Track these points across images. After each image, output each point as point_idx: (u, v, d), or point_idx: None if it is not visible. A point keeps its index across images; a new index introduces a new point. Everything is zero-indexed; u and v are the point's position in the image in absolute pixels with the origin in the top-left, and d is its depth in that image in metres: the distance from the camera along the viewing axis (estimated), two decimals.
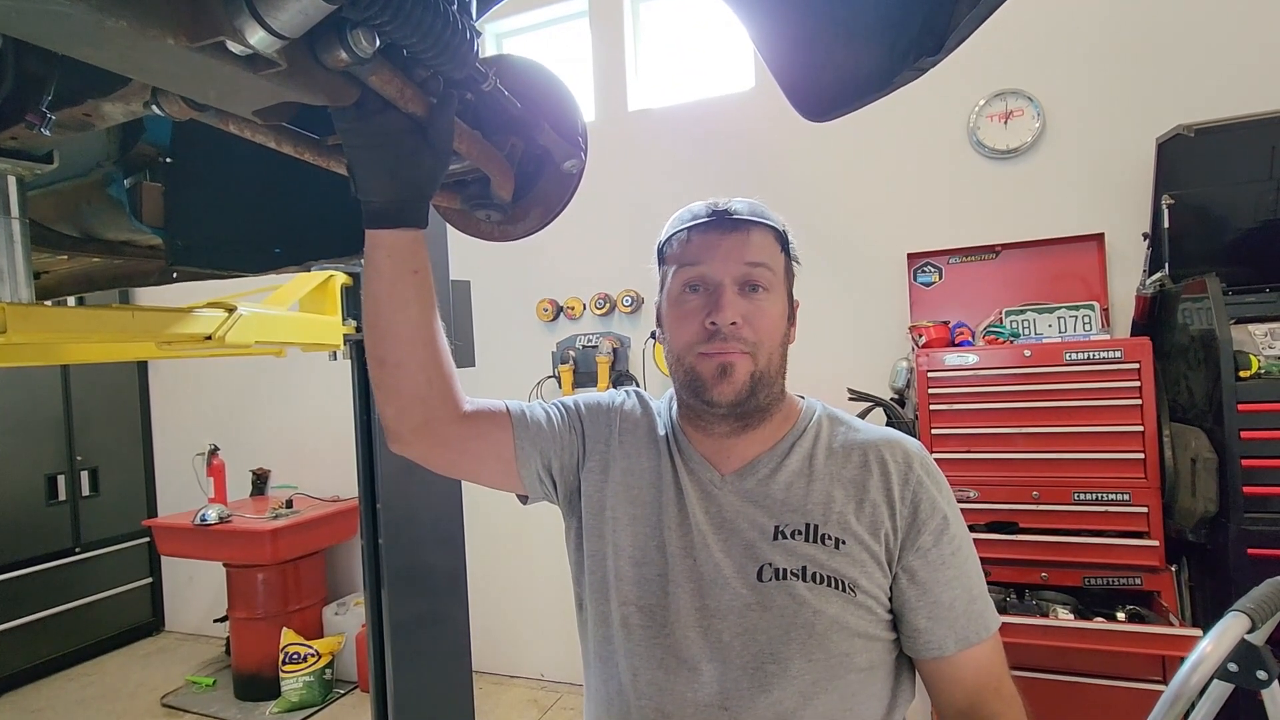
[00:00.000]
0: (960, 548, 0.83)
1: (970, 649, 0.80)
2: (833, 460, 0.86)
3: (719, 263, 0.83)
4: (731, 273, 0.82)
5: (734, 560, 0.82)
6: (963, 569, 0.82)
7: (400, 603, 1.88)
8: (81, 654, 3.92)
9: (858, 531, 0.81)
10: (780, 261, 0.86)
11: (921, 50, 0.72)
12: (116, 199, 0.99)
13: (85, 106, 0.66)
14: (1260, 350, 2.01)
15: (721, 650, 0.79)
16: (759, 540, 0.82)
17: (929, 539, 0.81)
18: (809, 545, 0.80)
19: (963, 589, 0.82)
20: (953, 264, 2.71)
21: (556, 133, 0.84)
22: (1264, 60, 2.38)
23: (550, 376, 3.39)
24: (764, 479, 0.85)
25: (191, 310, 1.30)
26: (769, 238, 0.85)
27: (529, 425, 0.90)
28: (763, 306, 0.83)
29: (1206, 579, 2.16)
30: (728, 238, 0.83)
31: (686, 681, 0.80)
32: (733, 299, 0.81)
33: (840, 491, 0.83)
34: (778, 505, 0.83)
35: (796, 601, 0.78)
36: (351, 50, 0.54)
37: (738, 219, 0.84)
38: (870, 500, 0.82)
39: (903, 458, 0.85)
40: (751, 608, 0.79)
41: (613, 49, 3.33)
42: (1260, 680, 1.11)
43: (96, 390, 4.13)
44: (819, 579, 0.79)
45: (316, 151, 0.73)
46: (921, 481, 0.83)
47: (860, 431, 0.89)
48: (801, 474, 0.85)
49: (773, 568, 0.80)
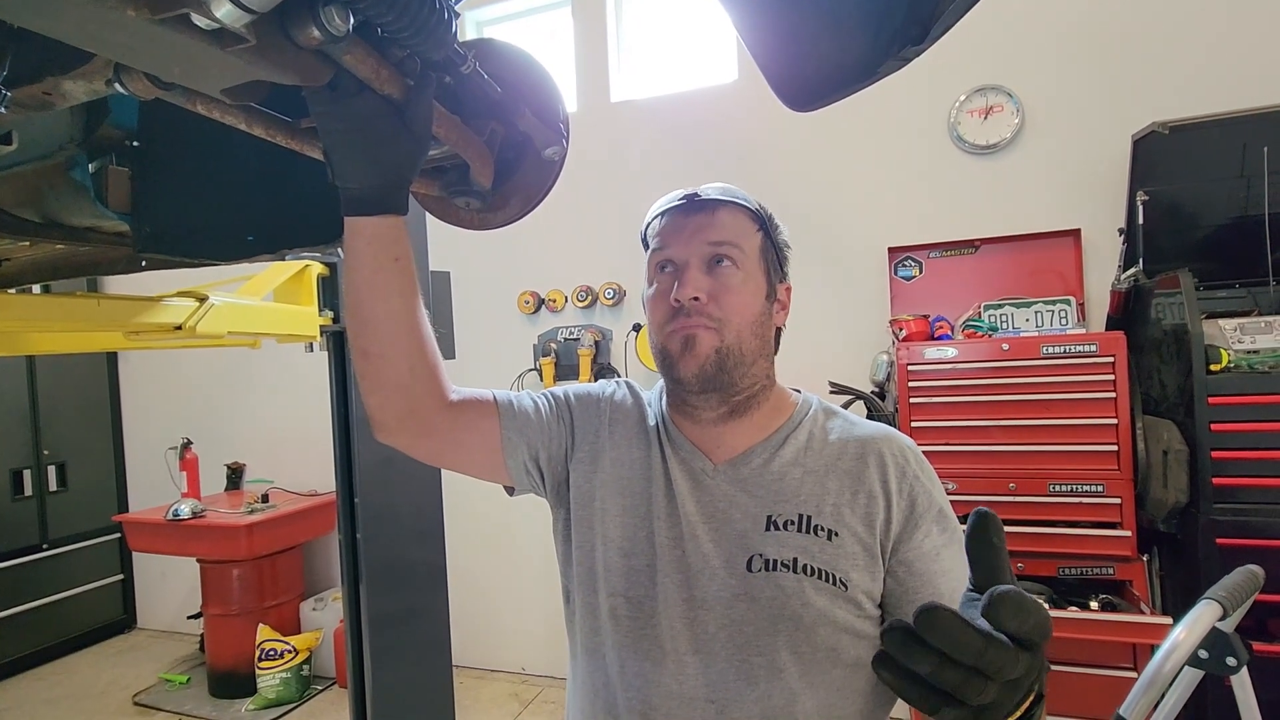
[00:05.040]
0: (955, 539, 0.83)
1: None
2: (828, 452, 0.85)
3: (685, 243, 0.83)
4: (697, 251, 0.83)
5: (723, 550, 0.81)
6: (957, 561, 0.82)
7: (379, 597, 1.86)
8: (50, 653, 3.83)
9: (851, 524, 0.80)
10: (753, 240, 0.85)
11: (906, 39, 0.72)
12: (81, 183, 0.96)
13: (45, 84, 0.63)
14: (1230, 344, 2.05)
15: (707, 642, 0.79)
16: (751, 530, 0.81)
17: (926, 531, 0.80)
18: (802, 536, 0.79)
19: (959, 581, 0.81)
20: (933, 258, 2.73)
21: (538, 119, 0.82)
22: (1238, 59, 2.42)
23: (531, 369, 3.37)
24: (758, 468, 0.84)
25: (161, 300, 1.26)
26: (740, 216, 0.85)
27: (516, 415, 0.89)
28: (728, 283, 0.82)
29: (1176, 568, 2.21)
30: (694, 218, 0.84)
31: (673, 674, 0.79)
32: (695, 275, 0.81)
33: (835, 483, 0.82)
34: (771, 495, 0.82)
35: (785, 593, 0.77)
36: (324, 27, 0.51)
37: (706, 200, 0.85)
38: (865, 492, 0.81)
39: (899, 452, 0.84)
40: (739, 598, 0.78)
41: (595, 39, 3.30)
42: (1230, 666, 1.14)
43: (64, 382, 4.03)
44: (809, 571, 0.78)
45: (289, 134, 0.70)
46: (918, 476, 0.83)
47: (856, 426, 0.88)
48: (796, 464, 0.84)
49: (763, 558, 0.79)
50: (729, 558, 0.80)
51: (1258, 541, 1.94)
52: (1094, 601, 2.10)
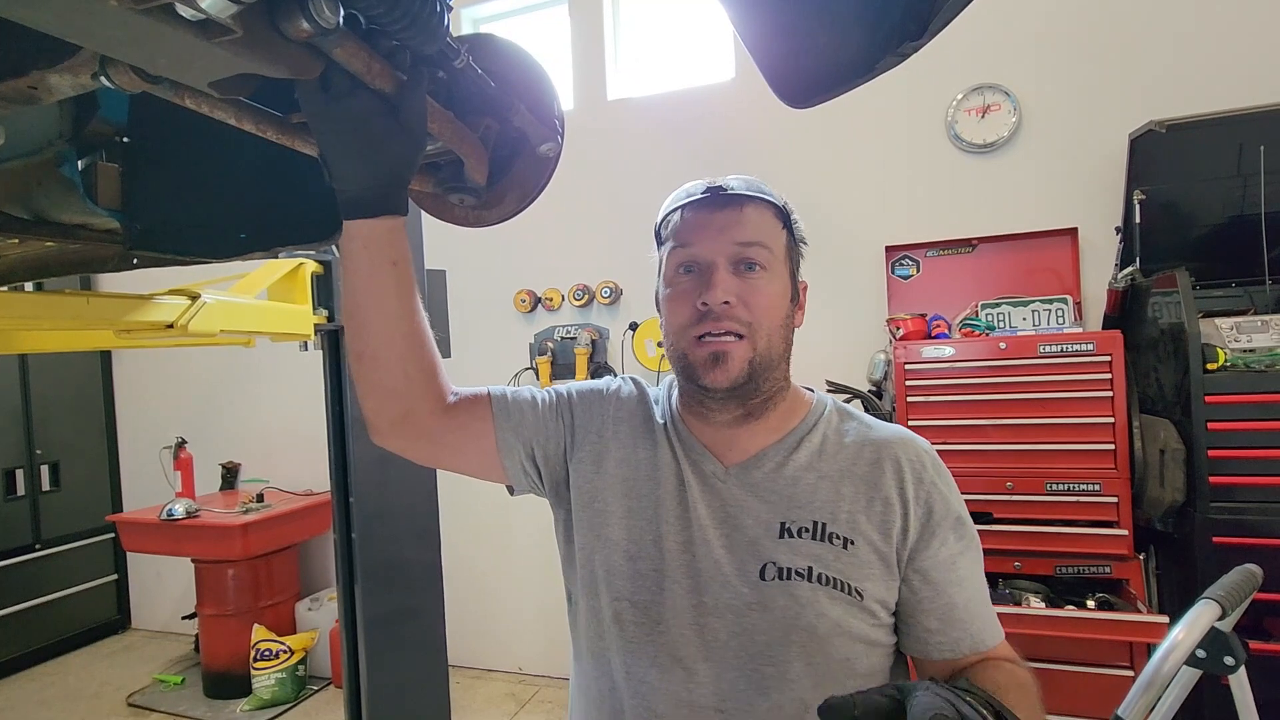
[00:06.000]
0: (972, 546, 0.81)
1: (983, 652, 0.78)
2: (843, 456, 0.82)
3: (711, 241, 0.79)
4: (724, 251, 0.78)
5: (735, 557, 0.78)
6: (973, 569, 0.80)
7: (374, 597, 1.85)
8: (43, 653, 3.81)
9: (866, 531, 0.78)
10: (780, 239, 0.82)
11: (904, 35, 0.71)
12: (70, 179, 0.95)
13: (30, 78, 0.62)
14: (1227, 343, 2.05)
15: (718, 650, 0.76)
16: (763, 537, 0.78)
17: (943, 539, 0.78)
18: (816, 544, 0.77)
19: (975, 590, 0.80)
20: (930, 257, 2.73)
21: (533, 115, 0.81)
22: (1235, 58, 2.42)
23: (528, 368, 3.36)
24: (770, 472, 0.81)
25: (152, 298, 1.25)
26: (766, 214, 0.81)
27: (511, 414, 0.87)
28: (758, 285, 0.78)
29: (1173, 567, 2.21)
30: (720, 214, 0.79)
31: (681, 682, 0.77)
32: (725, 278, 0.77)
33: (850, 488, 0.80)
34: (784, 500, 0.80)
35: (799, 603, 0.75)
36: (314, 19, 0.50)
37: (732, 194, 0.80)
38: (882, 499, 0.79)
39: (916, 457, 0.81)
40: (751, 607, 0.76)
41: (592, 36, 3.29)
42: (1228, 666, 1.14)
43: (57, 381, 4.00)
44: (825, 580, 0.75)
45: (279, 129, 0.69)
46: (935, 483, 0.80)
47: (873, 428, 0.85)
48: (810, 468, 0.81)
49: (776, 566, 0.76)
50: (741, 565, 0.78)
51: (1255, 540, 1.94)
52: (1091, 600, 2.10)
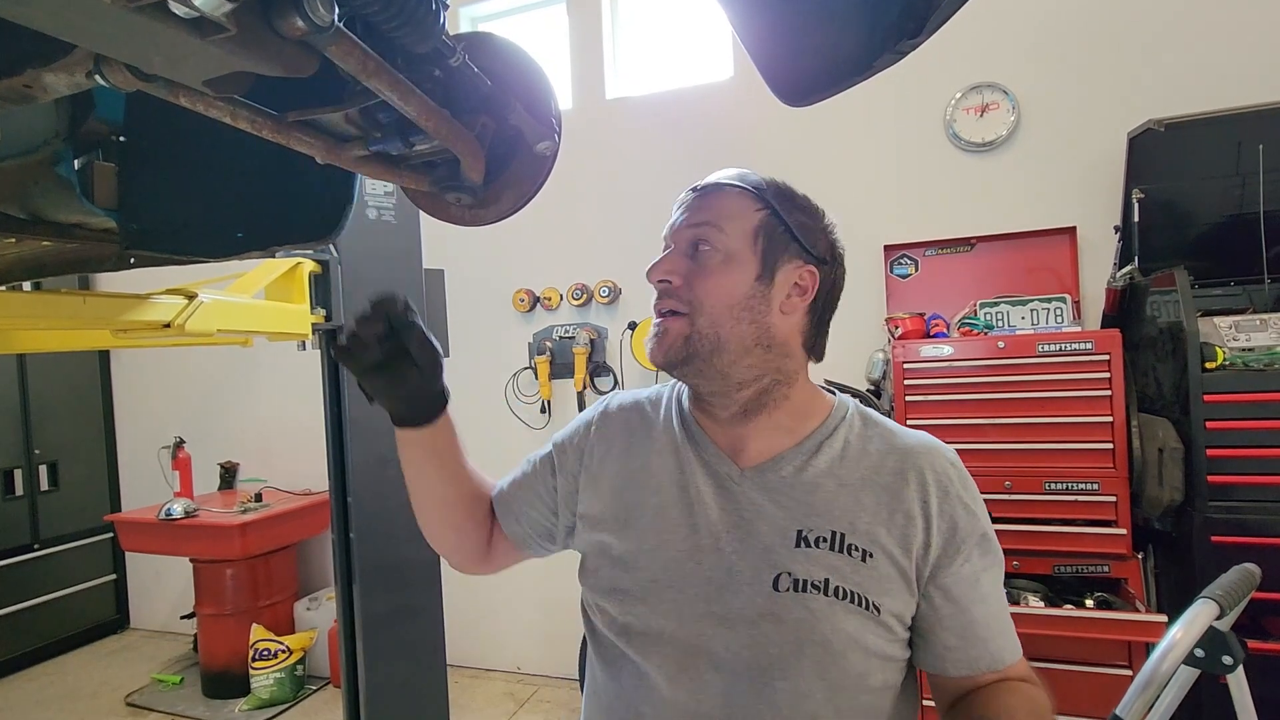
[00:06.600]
0: (995, 563, 0.79)
1: (1001, 670, 0.76)
2: (865, 464, 0.79)
3: (675, 230, 0.84)
4: (683, 235, 0.83)
5: (749, 565, 0.76)
6: (995, 586, 0.79)
7: (372, 597, 1.85)
8: (41, 653, 3.81)
9: (886, 545, 0.75)
10: (745, 221, 0.80)
11: (902, 33, 0.71)
12: (66, 179, 0.94)
13: (25, 77, 0.62)
14: (1226, 342, 2.05)
15: (729, 661, 0.75)
16: (779, 545, 0.76)
17: (966, 556, 0.76)
18: (834, 555, 0.75)
19: (997, 607, 0.78)
20: (929, 256, 2.73)
21: (529, 113, 0.81)
22: (1234, 57, 2.42)
23: (526, 368, 3.35)
24: (788, 476, 0.79)
25: (149, 297, 1.25)
26: (730, 197, 0.81)
27: (517, 518, 0.96)
28: (705, 265, 0.79)
29: (1172, 566, 2.21)
30: (691, 204, 0.84)
31: (690, 692, 0.75)
32: (671, 259, 0.82)
33: (871, 498, 0.77)
34: (802, 507, 0.77)
35: (814, 616, 0.73)
36: (308, 17, 0.50)
37: (705, 185, 0.84)
38: (904, 513, 0.76)
39: (942, 470, 0.79)
40: (765, 618, 0.74)
41: (590, 35, 3.29)
42: (1226, 665, 1.14)
43: (55, 381, 3.99)
44: (841, 594, 0.73)
45: (275, 127, 0.69)
46: (960, 497, 0.78)
47: (897, 435, 0.83)
48: (830, 475, 0.79)
49: (791, 577, 0.74)
50: (755, 574, 0.76)
51: (1253, 539, 1.94)
52: (1089, 599, 2.10)
